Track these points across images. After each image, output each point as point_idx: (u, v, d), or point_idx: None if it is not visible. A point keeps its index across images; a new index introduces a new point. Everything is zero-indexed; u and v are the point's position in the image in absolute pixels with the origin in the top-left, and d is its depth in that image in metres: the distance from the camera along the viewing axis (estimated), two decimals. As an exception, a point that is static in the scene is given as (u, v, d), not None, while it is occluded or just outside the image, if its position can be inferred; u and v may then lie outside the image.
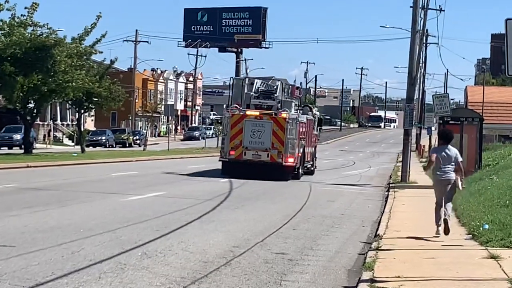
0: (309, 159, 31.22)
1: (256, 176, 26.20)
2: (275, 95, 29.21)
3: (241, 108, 27.92)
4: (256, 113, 27.53)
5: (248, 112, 27.56)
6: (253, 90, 29.12)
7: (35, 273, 8.62)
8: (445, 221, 12.21)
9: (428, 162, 13.87)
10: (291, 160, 27.18)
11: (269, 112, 27.68)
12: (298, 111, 30.69)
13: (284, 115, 27.32)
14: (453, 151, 12.82)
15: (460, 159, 12.86)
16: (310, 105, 37.78)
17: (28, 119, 40.90)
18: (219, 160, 28.29)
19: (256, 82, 30.00)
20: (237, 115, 27.42)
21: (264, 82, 30.78)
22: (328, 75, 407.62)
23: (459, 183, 12.64)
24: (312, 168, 32.33)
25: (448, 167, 12.58)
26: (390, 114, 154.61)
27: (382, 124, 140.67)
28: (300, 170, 28.98)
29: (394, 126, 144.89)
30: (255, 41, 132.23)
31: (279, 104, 28.81)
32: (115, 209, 15.43)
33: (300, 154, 28.42)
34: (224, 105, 30.08)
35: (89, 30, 39.95)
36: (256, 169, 26.96)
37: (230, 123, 27.43)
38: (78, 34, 39.85)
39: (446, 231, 12.12)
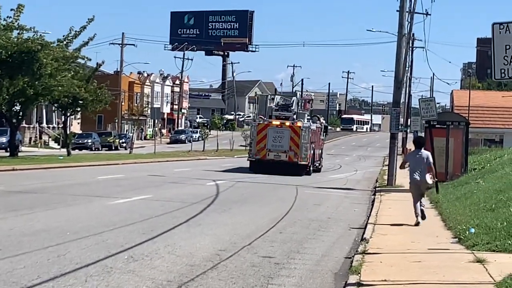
0: (317, 159, 38.21)
1: (277, 172, 32.88)
2: (292, 108, 36.34)
3: (265, 118, 35.08)
4: (277, 122, 34.47)
5: (271, 122, 34.54)
6: (274, 104, 36.44)
7: (21, 277, 8.58)
8: (422, 211, 14.79)
9: (402, 162, 16.81)
10: (304, 160, 34.21)
11: (287, 122, 34.50)
12: (309, 120, 37.75)
13: (299, 124, 34.49)
14: (424, 154, 15.16)
15: (431, 160, 15.18)
16: (318, 115, 45.29)
17: (14, 122, 40.70)
18: (248, 160, 34.97)
19: (276, 98, 38.27)
20: (262, 124, 34.47)
21: (283, 97, 38.85)
22: (314, 79, 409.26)
23: (429, 179, 15.05)
24: (320, 167, 39.00)
25: (421, 168, 14.96)
26: (362, 117, 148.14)
27: (354, 127, 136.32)
28: (311, 168, 35.62)
29: (366, 129, 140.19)
30: (241, 45, 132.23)
31: (295, 115, 35.87)
32: (101, 212, 15.38)
33: (311, 155, 35.21)
34: (251, 115, 44.32)
35: (77, 33, 39.78)
36: (277, 167, 33.61)
37: (257, 131, 34.39)
38: (64, 36, 39.71)
39: (423, 217, 14.66)
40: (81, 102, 44.05)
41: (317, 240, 12.95)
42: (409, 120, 57.75)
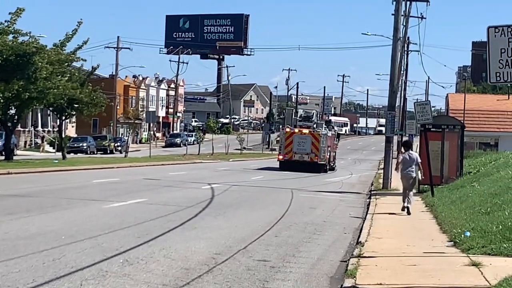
0: (332, 160, 46.35)
1: (301, 170, 40.43)
2: (312, 119, 45.89)
3: (291, 127, 43.80)
4: (301, 131, 42.89)
5: (296, 130, 43.16)
6: (298, 116, 46.02)
7: (16, 280, 8.56)
8: (407, 208, 17.66)
9: (396, 163, 19.36)
10: (323, 160, 42.54)
11: (309, 130, 43.03)
12: (326, 129, 45.32)
13: (318, 132, 42.92)
14: (413, 155, 18.77)
15: (419, 160, 18.75)
16: (332, 125, 55.15)
17: (9, 126, 40.58)
18: (278, 160, 43.56)
19: (300, 111, 49.18)
20: (289, 132, 43.11)
21: (305, 110, 49.79)
22: (309, 82, 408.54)
23: (420, 175, 18.86)
24: (334, 166, 47.16)
25: (411, 167, 18.34)
26: (341, 118, 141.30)
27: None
28: (327, 167, 43.74)
29: (345, 131, 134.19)
30: (237, 48, 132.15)
31: (315, 125, 44.63)
32: (96, 216, 15.35)
33: (328, 157, 43.58)
34: (280, 126, 49.47)
35: (70, 36, 39.82)
36: (301, 166, 41.51)
37: (285, 137, 42.94)
38: (60, 40, 39.70)
39: (408, 213, 17.54)
40: (76, 105, 43.99)
41: (313, 244, 12.94)
42: (404, 123, 57.78)
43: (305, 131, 42.96)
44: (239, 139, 76.95)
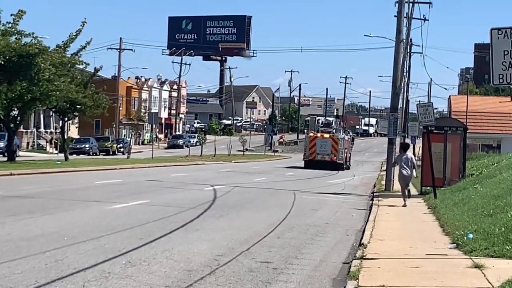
0: (348, 160, 54.12)
1: (322, 168, 47.64)
2: (332, 125, 55.30)
3: (314, 132, 52.75)
4: (322, 135, 51.03)
5: (318, 135, 51.43)
6: (320, 123, 55.99)
7: (19, 282, 8.55)
8: (405, 202, 20.94)
9: (393, 162, 23.71)
10: (341, 160, 50.30)
11: (329, 135, 51.27)
12: (343, 133, 53.84)
13: (337, 136, 51.25)
14: (409, 155, 21.81)
15: (414, 160, 21.88)
16: (348, 130, 65.45)
17: (12, 127, 40.61)
18: (303, 160, 51.64)
19: (321, 119, 59.52)
20: (312, 136, 51.47)
21: (326, 118, 61.66)
22: (312, 84, 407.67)
23: (414, 173, 21.64)
24: (349, 165, 54.29)
25: (407, 166, 21.29)
26: (327, 119, 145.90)
27: None
28: (344, 165, 51.33)
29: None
30: (239, 50, 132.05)
31: (334, 130, 53.42)
32: (99, 217, 15.32)
33: (344, 157, 51.57)
34: (305, 130, 58.54)
35: (73, 37, 39.84)
36: (322, 165, 49.10)
37: (309, 141, 51.07)
38: (63, 42, 39.74)
39: (404, 206, 20.62)
40: (79, 107, 44.02)
41: (315, 246, 12.90)
42: (407, 125, 57.68)
43: (326, 135, 51.37)
44: (242, 140, 76.95)
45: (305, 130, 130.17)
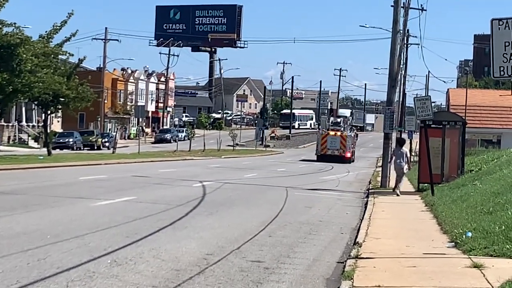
0: (353, 154, 60.53)
1: (332, 161, 54.47)
2: (340, 124, 61.83)
3: (325, 130, 59.68)
4: (333, 133, 58.43)
5: (329, 132, 58.66)
6: (330, 123, 61.93)
7: (-1, 282, 8.33)
8: (397, 191, 23.86)
9: (390, 156, 25.99)
10: (348, 154, 57.99)
11: (338, 132, 58.65)
12: (350, 131, 61.93)
13: (345, 133, 58.78)
14: (403, 150, 24.93)
15: (408, 155, 25.34)
16: (354, 128, 74.53)
17: (-8, 120, 40.12)
18: (315, 154, 58.72)
19: (331, 119, 64.96)
20: (324, 134, 58.60)
21: (335, 118, 67.54)
22: (305, 76, 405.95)
23: (406, 167, 24.63)
24: (354, 158, 60.39)
25: (401, 160, 24.41)
26: (305, 111, 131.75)
27: (296, 124, 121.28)
28: (351, 159, 58.43)
29: (310, 125, 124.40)
30: (229, 40, 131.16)
31: (342, 128, 60.44)
32: (83, 214, 15.08)
33: (351, 151, 59.04)
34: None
35: (58, 27, 39.32)
36: (332, 158, 55.91)
37: (321, 137, 58.40)
38: (46, 32, 39.15)
39: (398, 195, 23.46)
40: (62, 99, 43.52)
41: (308, 244, 12.67)
42: (403, 119, 57.35)
43: (336, 133, 58.62)
44: (232, 135, 76.55)
45: (280, 124, 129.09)
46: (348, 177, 38.15)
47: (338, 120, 64.85)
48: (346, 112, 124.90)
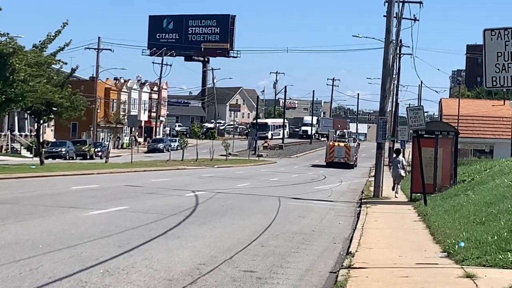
0: (355, 160, 71.76)
1: (339, 167, 65.01)
2: (345, 137, 74.48)
3: (333, 142, 70.85)
4: (339, 144, 69.59)
5: (335, 143, 69.86)
6: (336, 135, 74.13)
7: (-11, 292, 8.27)
8: (395, 195, 27.94)
9: (389, 163, 31.73)
10: (352, 162, 68.85)
11: (343, 143, 69.92)
12: (353, 142, 73.95)
13: (349, 144, 70.11)
14: (400, 159, 29.22)
15: (404, 163, 30.01)
16: (355, 138, 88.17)
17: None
18: (325, 161, 69.35)
19: (338, 131, 77.44)
20: (331, 144, 69.75)
21: (341, 131, 79.98)
22: (298, 86, 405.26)
23: (402, 172, 28.89)
24: (356, 164, 71.51)
25: (398, 167, 28.67)
26: (278, 120, 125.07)
27: (269, 134, 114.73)
28: (354, 165, 69.53)
29: (284, 134, 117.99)
30: (222, 50, 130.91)
31: (346, 140, 72.29)
32: (75, 224, 14.97)
33: (355, 159, 70.51)
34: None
35: (52, 37, 39.25)
36: (338, 164, 66.57)
37: (329, 147, 69.54)
38: (40, 42, 39.11)
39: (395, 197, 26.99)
40: (55, 109, 43.40)
41: (301, 254, 12.61)
42: (396, 129, 57.29)
43: (342, 144, 69.97)
44: (225, 144, 76.39)
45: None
46: (340, 187, 38.07)
47: (344, 132, 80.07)
48: (314, 120, 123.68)
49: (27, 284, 8.71)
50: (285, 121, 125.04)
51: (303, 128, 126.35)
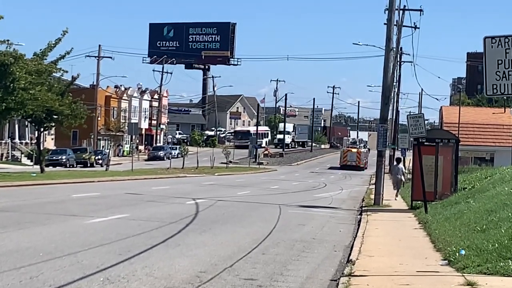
0: (366, 164, 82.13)
1: (351, 169, 76.87)
2: (357, 143, 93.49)
3: (346, 148, 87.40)
4: (351, 149, 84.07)
5: (348, 149, 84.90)
6: (348, 143, 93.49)
7: (-10, 300, 8.22)
8: (395, 198, 30.99)
9: (390, 171, 36.78)
10: (362, 165, 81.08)
11: (355, 149, 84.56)
12: (364, 148, 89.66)
13: (360, 150, 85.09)
14: (400, 166, 32.98)
15: (404, 170, 33.91)
16: (365, 144, 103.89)
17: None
18: (339, 164, 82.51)
19: (350, 139, 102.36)
20: (345, 150, 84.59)
21: (354, 139, 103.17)
22: (298, 94, 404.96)
23: (403, 179, 33.16)
24: (366, 167, 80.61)
25: (399, 173, 32.23)
26: (261, 128, 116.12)
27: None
28: (364, 168, 79.58)
29: (266, 142, 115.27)
30: (223, 58, 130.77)
31: (358, 146, 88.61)
32: (76, 232, 14.94)
33: (364, 162, 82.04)
34: (340, 146, 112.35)
35: (52, 45, 39.29)
36: (351, 167, 78.61)
37: (343, 153, 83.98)
38: (41, 50, 39.15)
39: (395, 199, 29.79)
40: (56, 117, 43.42)
41: (302, 262, 12.57)
42: (396, 136, 57.14)
43: (354, 150, 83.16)
44: (225, 152, 76.31)
45: (236, 143, 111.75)
46: (341, 194, 37.99)
47: (355, 140, 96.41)
48: (289, 127, 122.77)
49: (28, 292, 8.62)
50: (268, 128, 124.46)
51: (279, 136, 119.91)
